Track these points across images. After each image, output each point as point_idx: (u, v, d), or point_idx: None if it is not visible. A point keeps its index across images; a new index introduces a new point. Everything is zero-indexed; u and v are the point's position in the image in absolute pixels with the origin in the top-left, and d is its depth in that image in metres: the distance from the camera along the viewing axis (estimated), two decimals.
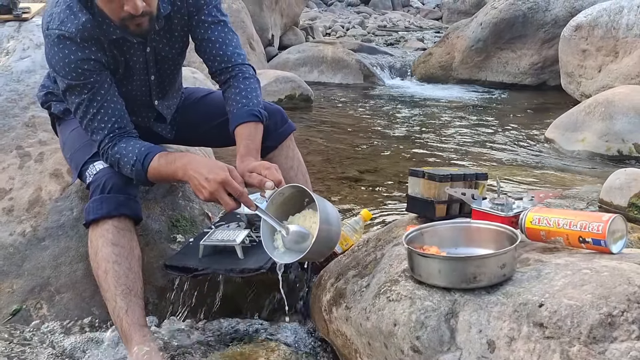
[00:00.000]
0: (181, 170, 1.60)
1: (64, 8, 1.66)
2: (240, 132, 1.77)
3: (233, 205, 1.55)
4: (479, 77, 7.36)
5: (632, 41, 5.30)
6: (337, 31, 12.23)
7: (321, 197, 1.57)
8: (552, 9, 6.87)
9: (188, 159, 1.62)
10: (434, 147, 4.34)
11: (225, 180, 1.52)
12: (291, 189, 1.59)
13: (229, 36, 1.85)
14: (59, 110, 1.96)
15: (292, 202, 1.61)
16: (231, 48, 1.85)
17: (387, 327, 1.38)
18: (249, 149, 1.73)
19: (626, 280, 1.18)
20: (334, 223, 1.54)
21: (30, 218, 1.99)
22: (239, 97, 1.81)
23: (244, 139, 1.76)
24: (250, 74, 1.87)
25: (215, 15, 1.83)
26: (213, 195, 1.53)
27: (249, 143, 1.74)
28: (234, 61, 1.85)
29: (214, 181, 1.52)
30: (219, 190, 1.52)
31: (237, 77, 1.84)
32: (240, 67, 1.85)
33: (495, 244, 1.43)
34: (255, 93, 1.84)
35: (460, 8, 13.44)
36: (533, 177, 3.57)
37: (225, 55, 1.84)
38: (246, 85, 1.83)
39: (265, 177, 1.58)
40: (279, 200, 1.59)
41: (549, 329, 1.16)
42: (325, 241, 1.53)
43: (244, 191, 1.54)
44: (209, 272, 1.75)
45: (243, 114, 1.78)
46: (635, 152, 3.91)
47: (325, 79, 7.32)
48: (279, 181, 1.59)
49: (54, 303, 1.84)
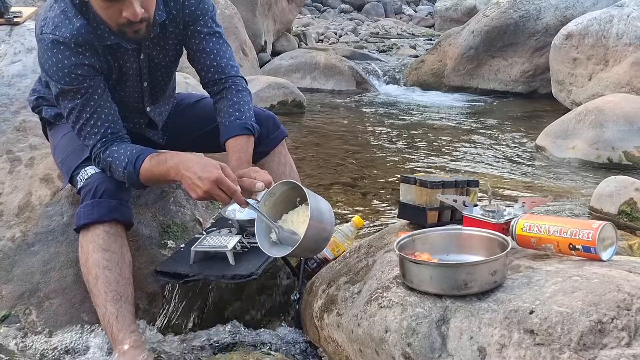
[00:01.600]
0: (173, 170, 1.59)
1: (59, 13, 1.65)
2: (232, 144, 1.79)
3: (228, 200, 1.56)
4: (471, 84, 7.39)
5: (622, 50, 5.35)
6: (330, 38, 12.25)
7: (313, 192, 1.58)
8: (543, 17, 6.91)
9: (180, 159, 1.61)
10: (426, 154, 4.35)
11: (218, 178, 1.53)
12: (281, 186, 1.60)
13: (223, 48, 1.86)
14: (50, 115, 1.95)
15: (285, 202, 1.62)
16: (225, 60, 1.85)
17: (379, 334, 1.37)
18: (241, 161, 1.75)
19: (616, 288, 1.18)
20: (325, 217, 1.55)
21: (20, 223, 1.97)
22: (232, 109, 1.82)
23: (236, 151, 1.77)
24: (243, 86, 1.88)
25: (210, 27, 1.83)
26: (207, 194, 1.54)
27: (242, 155, 1.76)
28: (227, 73, 1.85)
29: (207, 180, 1.52)
30: (213, 188, 1.53)
31: (231, 89, 1.85)
32: (233, 79, 1.86)
33: (487, 250, 1.44)
34: (248, 106, 1.85)
35: (453, 16, 13.50)
36: (524, 184, 3.59)
37: (219, 67, 1.84)
38: (239, 98, 1.84)
39: (255, 179, 1.60)
40: (271, 201, 1.60)
41: (540, 335, 1.16)
42: (317, 235, 1.53)
43: (237, 189, 1.55)
44: (200, 278, 1.74)
45: (236, 127, 1.80)
46: (625, 160, 3.94)
47: (318, 85, 7.32)
48: (269, 182, 1.60)
49: (44, 309, 1.82)
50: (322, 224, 1.54)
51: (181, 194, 2.19)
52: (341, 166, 3.93)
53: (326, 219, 1.56)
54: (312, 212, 1.49)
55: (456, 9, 13.46)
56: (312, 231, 1.49)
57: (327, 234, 1.59)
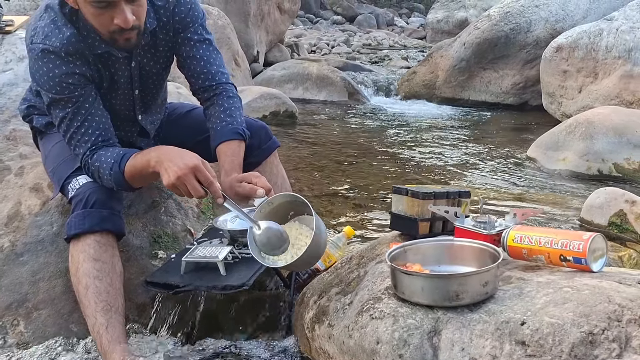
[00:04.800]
0: (154, 159, 1.58)
1: (48, 22, 1.65)
2: (224, 149, 1.78)
3: (201, 192, 1.53)
4: (462, 96, 7.44)
5: (611, 63, 5.41)
6: (322, 49, 12.30)
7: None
8: (534, 30, 6.98)
9: (162, 150, 1.61)
10: (418, 165, 4.36)
11: (196, 166, 1.52)
12: (281, 198, 1.62)
13: (213, 55, 1.86)
14: (41, 124, 1.94)
15: (278, 214, 1.62)
16: (215, 67, 1.86)
17: (370, 345, 1.37)
18: (233, 164, 1.74)
19: (607, 299, 1.19)
20: (323, 237, 1.58)
21: (9, 233, 1.95)
22: (223, 115, 1.82)
23: (228, 155, 1.77)
24: (234, 93, 1.89)
25: (201, 34, 1.84)
26: (180, 179, 1.51)
27: (234, 159, 1.76)
28: (217, 80, 1.86)
29: (185, 166, 1.51)
30: (188, 175, 1.51)
31: (222, 95, 1.85)
32: (224, 85, 1.87)
33: (478, 261, 1.44)
34: (239, 112, 1.86)
35: (444, 28, 13.61)
36: (515, 195, 3.60)
37: (209, 74, 1.85)
38: (230, 104, 1.85)
39: (255, 184, 1.60)
40: (267, 210, 1.61)
41: (531, 347, 1.16)
42: (316, 250, 1.56)
43: (214, 181, 1.54)
44: (190, 289, 1.73)
45: (227, 132, 1.80)
46: (615, 172, 3.97)
47: (310, 95, 7.34)
48: (269, 189, 1.62)
49: (32, 320, 1.80)
50: (320, 242, 1.57)
51: (172, 204, 2.18)
52: (333, 177, 3.93)
53: (324, 239, 1.59)
54: (316, 230, 1.51)
55: (447, 21, 13.57)
56: (312, 248, 1.51)
57: (322, 251, 1.62)
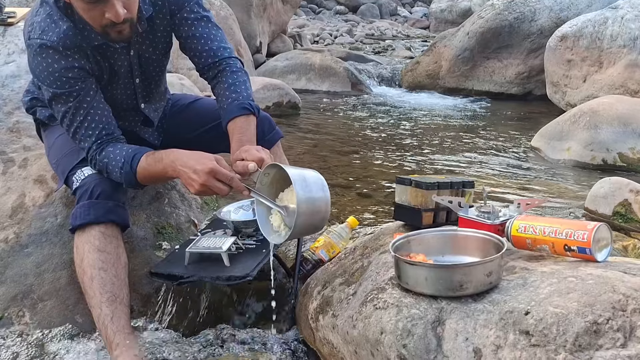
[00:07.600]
0: (170, 167, 1.59)
1: (44, 17, 1.63)
2: (231, 127, 1.76)
3: (226, 190, 1.55)
4: (466, 86, 7.40)
5: (616, 52, 5.37)
6: (325, 39, 12.26)
7: (299, 167, 1.55)
8: (538, 19, 6.93)
9: (175, 155, 1.61)
10: (421, 155, 4.35)
11: (213, 169, 1.52)
12: (270, 168, 1.58)
13: (213, 31, 1.84)
14: (44, 116, 1.94)
15: (281, 180, 1.58)
16: (216, 43, 1.83)
17: (374, 335, 1.37)
18: (241, 142, 1.71)
19: (611, 288, 1.18)
20: (314, 191, 1.51)
21: (14, 225, 1.96)
22: (228, 91, 1.80)
23: (235, 133, 1.74)
24: (238, 67, 1.86)
25: (197, 12, 1.81)
26: (204, 186, 1.53)
27: (241, 137, 1.73)
28: (220, 55, 1.83)
29: (202, 172, 1.52)
30: (209, 180, 1.52)
31: (225, 71, 1.83)
32: (227, 60, 1.84)
33: (482, 252, 1.44)
34: (245, 86, 1.82)
35: (448, 17, 13.54)
36: (519, 185, 3.59)
37: (211, 51, 1.82)
38: (234, 79, 1.82)
39: (245, 159, 1.59)
40: (267, 181, 1.59)
41: (535, 336, 1.16)
42: (312, 212, 1.50)
43: (234, 176, 1.54)
44: (194, 280, 1.74)
45: (233, 109, 1.77)
46: (620, 161, 3.95)
47: (313, 86, 7.32)
48: (260, 159, 1.59)
49: (37, 311, 1.81)
50: (313, 197, 1.49)
51: (176, 195, 2.18)
52: (336, 167, 3.93)
53: (315, 189, 1.51)
54: (297, 187, 1.45)
55: (451, 11, 13.50)
56: (303, 206, 1.45)
57: (323, 207, 1.54)
